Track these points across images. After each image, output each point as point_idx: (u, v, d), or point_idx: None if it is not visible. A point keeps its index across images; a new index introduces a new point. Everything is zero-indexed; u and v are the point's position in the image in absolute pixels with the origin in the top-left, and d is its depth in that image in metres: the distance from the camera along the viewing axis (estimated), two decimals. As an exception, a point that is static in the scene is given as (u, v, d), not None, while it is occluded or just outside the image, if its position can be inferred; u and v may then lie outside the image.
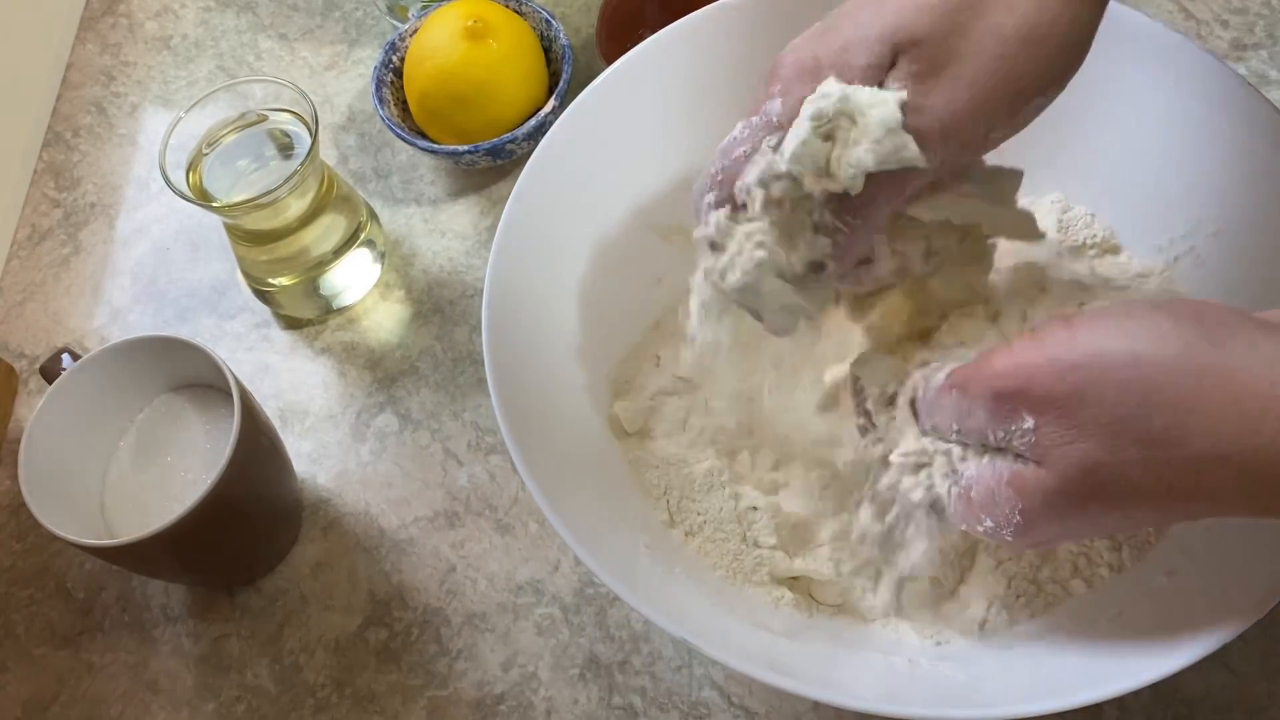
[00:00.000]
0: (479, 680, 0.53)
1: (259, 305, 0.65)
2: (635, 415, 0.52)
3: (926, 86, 0.36)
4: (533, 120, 0.65)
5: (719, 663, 0.41)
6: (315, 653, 0.54)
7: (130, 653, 0.55)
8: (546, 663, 0.53)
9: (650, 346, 0.55)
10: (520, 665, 0.53)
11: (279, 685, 0.54)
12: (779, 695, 0.50)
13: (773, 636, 0.45)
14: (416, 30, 0.67)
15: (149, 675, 0.55)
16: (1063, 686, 0.40)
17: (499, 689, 0.52)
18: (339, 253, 0.62)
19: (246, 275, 0.64)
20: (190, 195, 0.55)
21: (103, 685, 0.55)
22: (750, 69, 0.54)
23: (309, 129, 0.57)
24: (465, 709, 0.52)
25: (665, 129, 0.54)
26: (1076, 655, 0.43)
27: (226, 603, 0.56)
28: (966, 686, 0.44)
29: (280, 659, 0.54)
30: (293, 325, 0.65)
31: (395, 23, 0.74)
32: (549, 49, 0.68)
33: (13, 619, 0.57)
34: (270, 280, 0.62)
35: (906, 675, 0.45)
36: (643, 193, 0.55)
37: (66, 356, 0.54)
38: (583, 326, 0.53)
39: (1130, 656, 0.40)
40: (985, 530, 0.37)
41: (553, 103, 0.65)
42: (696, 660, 0.52)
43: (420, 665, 0.53)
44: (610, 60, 0.54)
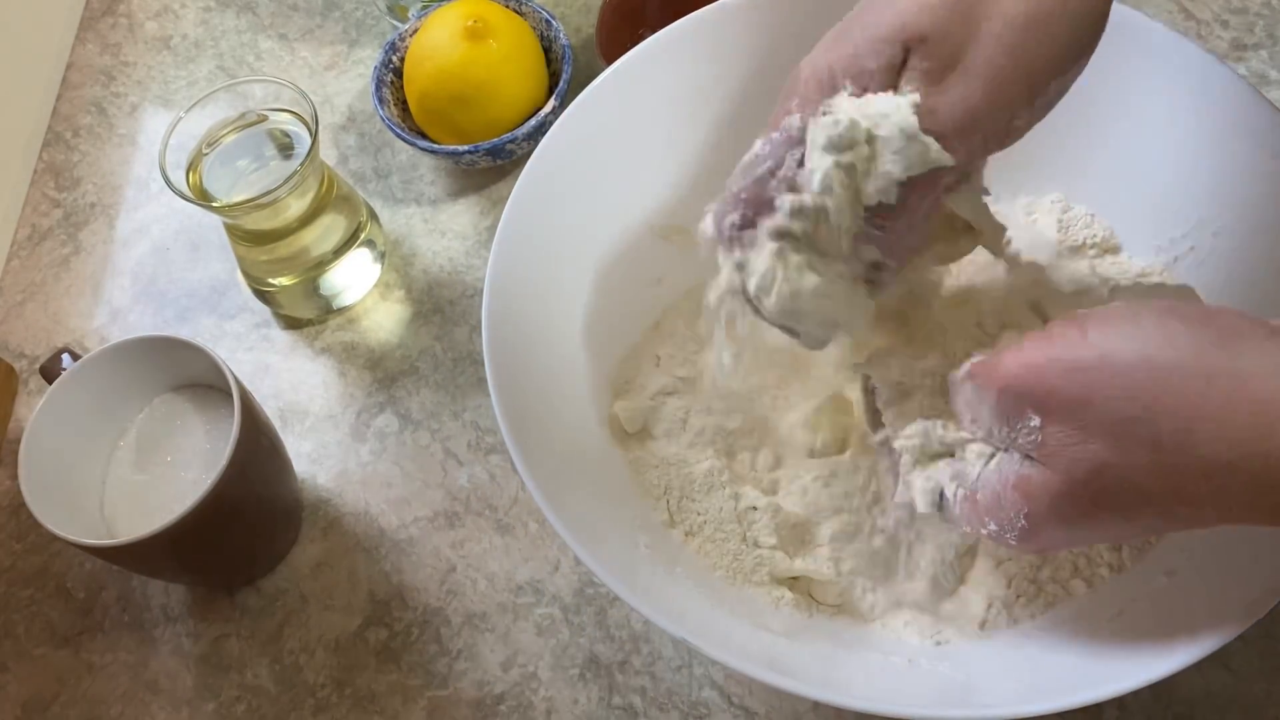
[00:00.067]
0: (479, 680, 0.53)
1: (259, 305, 0.65)
2: (635, 415, 0.52)
3: (940, 84, 0.36)
4: (533, 120, 0.65)
5: (719, 663, 0.41)
6: (315, 653, 0.54)
7: (130, 653, 0.55)
8: (546, 663, 0.53)
9: (650, 346, 0.55)
10: (520, 665, 0.53)
11: (279, 685, 0.54)
12: (779, 695, 0.50)
13: (773, 636, 0.45)
14: (416, 30, 0.67)
15: (149, 675, 0.55)
16: (1063, 686, 0.40)
17: (499, 689, 0.53)
18: (339, 253, 0.62)
19: (246, 275, 0.64)
20: (190, 195, 0.55)
21: (103, 685, 0.55)
22: (751, 69, 0.54)
23: (309, 129, 0.57)
24: (465, 709, 0.52)
25: (665, 129, 0.54)
26: (1076, 655, 0.43)
27: (226, 603, 0.56)
28: (966, 686, 0.44)
29: (280, 659, 0.54)
30: (293, 325, 0.65)
31: (395, 23, 0.74)
32: (549, 49, 0.68)
33: (13, 619, 0.57)
34: (270, 280, 0.62)
35: (906, 675, 0.45)
36: (643, 193, 0.55)
37: (66, 356, 0.54)
38: (583, 326, 0.53)
39: (1130, 656, 0.40)
40: (989, 534, 0.37)
41: (553, 103, 0.65)
42: (696, 660, 0.52)
43: (420, 665, 0.53)
44: (610, 60, 0.54)
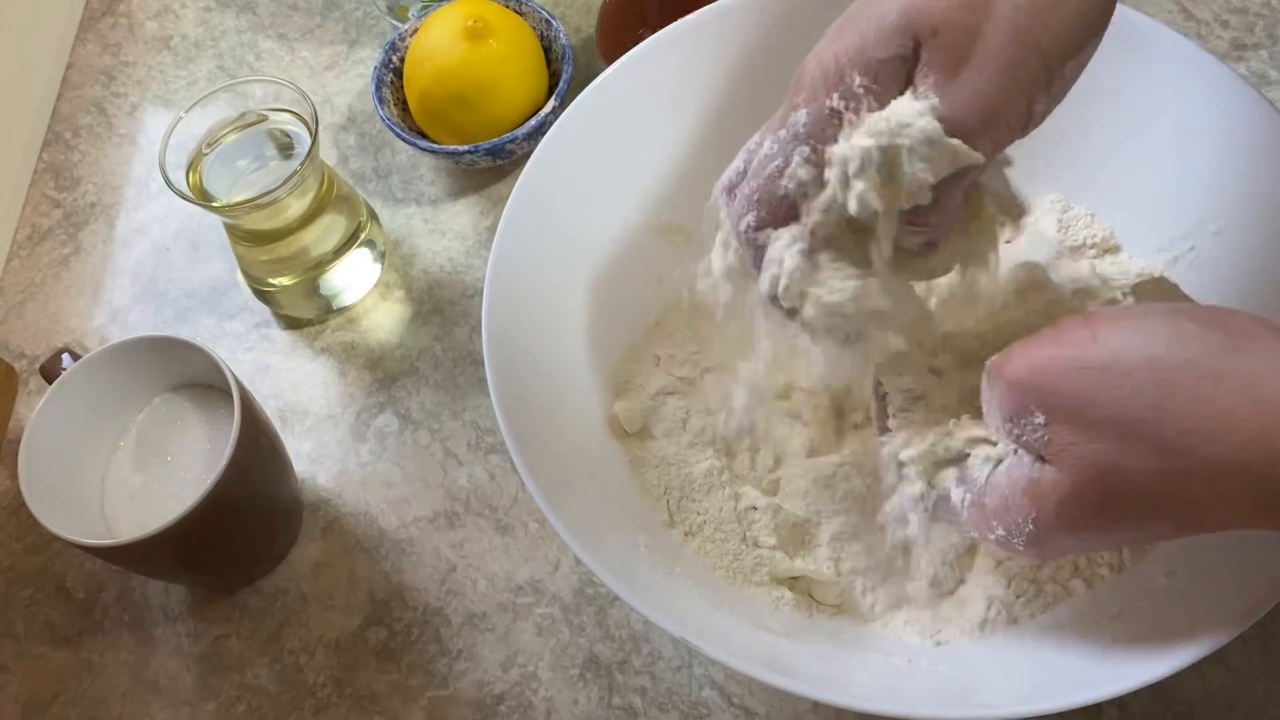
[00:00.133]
0: (479, 680, 0.53)
1: (259, 305, 0.65)
2: (635, 415, 0.52)
3: (956, 76, 0.35)
4: (533, 120, 0.65)
5: (719, 663, 0.41)
6: (315, 653, 0.54)
7: (130, 653, 0.55)
8: (546, 663, 0.53)
9: (650, 346, 0.55)
10: (520, 665, 0.53)
11: (279, 685, 0.54)
12: (779, 695, 0.50)
13: (773, 636, 0.45)
14: (416, 30, 0.67)
15: (149, 675, 0.55)
16: (1063, 686, 0.40)
17: (499, 689, 0.52)
18: (339, 253, 0.62)
19: (246, 275, 0.64)
20: (190, 195, 0.55)
21: (103, 685, 0.55)
22: (751, 69, 0.54)
23: (309, 129, 0.57)
24: (465, 709, 0.52)
25: (665, 129, 0.54)
26: (1076, 655, 0.43)
27: (226, 603, 0.56)
28: (966, 686, 0.44)
29: (280, 659, 0.54)
30: (293, 325, 0.65)
31: (395, 23, 0.74)
32: (549, 49, 0.68)
33: (13, 619, 0.57)
34: (270, 280, 0.62)
35: (906, 675, 0.45)
36: (643, 193, 0.55)
37: (66, 356, 0.54)
38: (583, 326, 0.53)
39: (1130, 656, 0.40)
40: (997, 539, 0.36)
41: (553, 103, 0.65)
42: (696, 660, 0.52)
43: (420, 665, 0.53)
44: (610, 60, 0.54)
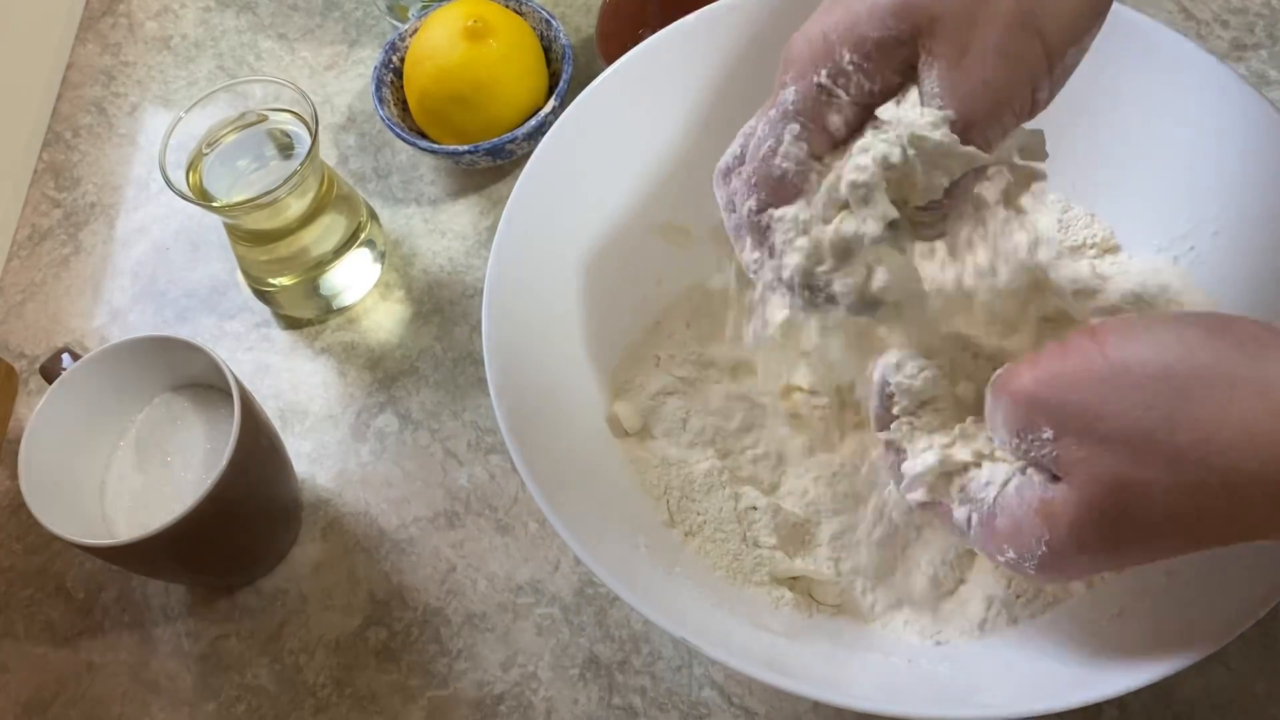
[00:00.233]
0: (479, 680, 0.53)
1: (259, 305, 0.65)
2: (635, 415, 0.52)
3: (959, 66, 0.35)
4: (533, 120, 0.65)
5: (719, 663, 0.41)
6: (315, 653, 0.54)
7: (130, 652, 0.55)
8: (546, 663, 0.53)
9: (650, 346, 0.55)
10: (520, 665, 0.53)
11: (279, 685, 0.54)
12: (779, 695, 0.50)
13: (773, 636, 0.45)
14: (416, 30, 0.67)
15: (149, 675, 0.55)
16: (1063, 686, 0.40)
17: (499, 689, 0.52)
18: (339, 253, 0.62)
19: (246, 275, 0.64)
20: (190, 195, 0.55)
21: (103, 685, 0.55)
22: (751, 68, 0.54)
23: (309, 129, 0.57)
24: (465, 709, 0.52)
25: (665, 129, 0.54)
26: (1076, 655, 0.43)
27: (226, 603, 0.56)
28: (966, 686, 0.44)
29: (280, 659, 0.54)
30: (293, 325, 0.65)
31: (395, 23, 0.74)
32: (549, 49, 0.68)
33: (13, 619, 0.57)
34: (270, 280, 0.62)
35: (906, 675, 0.45)
36: (643, 193, 0.55)
37: (66, 356, 0.54)
38: (583, 326, 0.53)
39: (1130, 656, 0.40)
40: (1007, 561, 0.35)
41: (553, 103, 0.65)
42: (696, 660, 0.52)
43: (420, 665, 0.53)
44: (610, 60, 0.54)
